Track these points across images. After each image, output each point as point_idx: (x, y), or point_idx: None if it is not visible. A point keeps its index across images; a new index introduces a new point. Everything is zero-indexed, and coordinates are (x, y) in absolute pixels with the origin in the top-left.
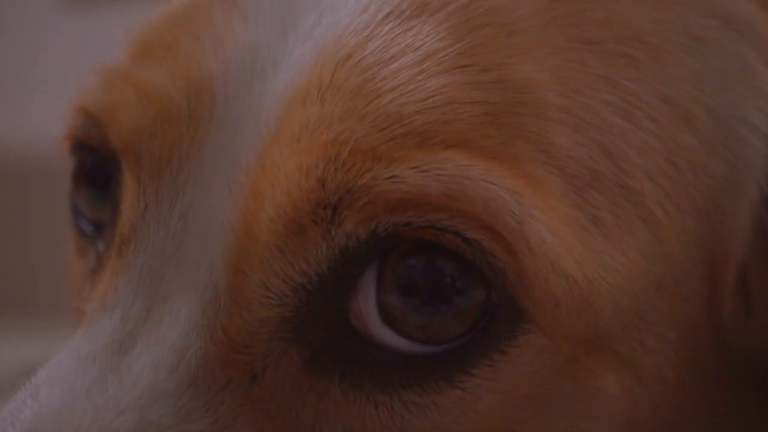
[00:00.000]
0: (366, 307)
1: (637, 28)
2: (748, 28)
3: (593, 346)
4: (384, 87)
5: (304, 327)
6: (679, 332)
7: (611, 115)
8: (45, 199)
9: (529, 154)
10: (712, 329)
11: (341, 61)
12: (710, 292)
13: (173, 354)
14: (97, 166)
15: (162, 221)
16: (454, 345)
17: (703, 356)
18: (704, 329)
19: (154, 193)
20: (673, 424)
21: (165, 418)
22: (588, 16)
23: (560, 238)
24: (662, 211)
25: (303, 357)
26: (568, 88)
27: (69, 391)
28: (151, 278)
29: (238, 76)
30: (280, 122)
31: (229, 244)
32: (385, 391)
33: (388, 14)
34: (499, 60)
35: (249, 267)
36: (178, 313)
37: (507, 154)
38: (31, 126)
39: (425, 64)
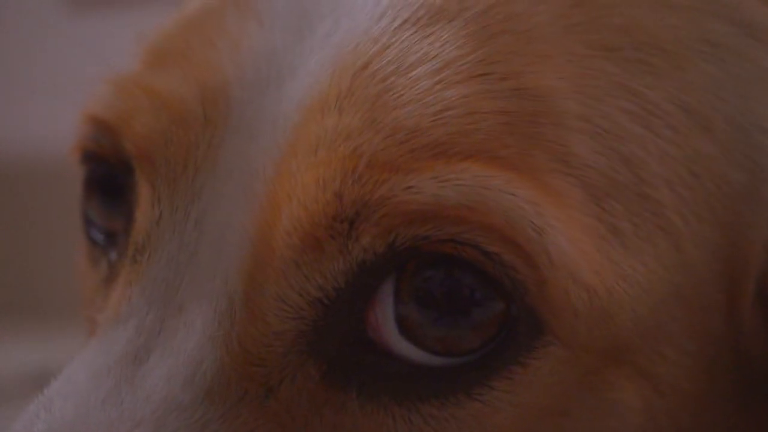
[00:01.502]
0: (383, 319)
1: (655, 35)
2: (767, 35)
3: (612, 357)
4: (402, 97)
5: (320, 340)
6: (697, 343)
7: (630, 124)
8: (48, 202)
9: (548, 164)
10: (730, 340)
11: (359, 70)
12: (729, 302)
13: (188, 366)
14: (108, 175)
15: (177, 229)
16: (473, 357)
17: (721, 367)
18: (723, 340)
19: (169, 200)
20: None
21: (181, 430)
22: (606, 23)
23: (580, 249)
24: (682, 221)
25: (320, 370)
26: (586, 96)
27: (83, 403)
28: (165, 287)
29: (253, 82)
30: (297, 131)
31: (245, 254)
32: (402, 404)
33: (405, 21)
34: (518, 68)
35: (264, 278)
36: (193, 323)
37: (526, 164)
38: (34, 128)
39: (443, 73)
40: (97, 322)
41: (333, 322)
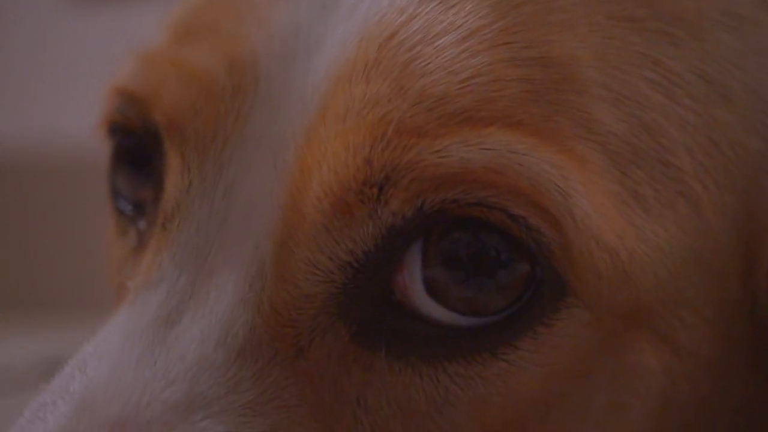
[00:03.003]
0: (411, 281)
1: (675, 6)
2: None
3: (633, 320)
4: (429, 66)
5: (350, 303)
6: (715, 309)
7: (651, 92)
8: (55, 196)
9: (572, 131)
10: (747, 309)
11: (386, 40)
12: (746, 270)
13: (220, 327)
14: (135, 147)
15: (206, 197)
16: (499, 318)
17: (738, 334)
18: (740, 308)
19: (199, 169)
20: (707, 401)
21: (214, 389)
22: None
23: (603, 213)
24: (701, 187)
25: (349, 331)
26: (608, 64)
27: (117, 364)
28: (196, 254)
29: (280, 55)
30: (325, 101)
31: (275, 220)
32: (430, 364)
33: None
34: (541, 37)
35: (295, 244)
36: (225, 287)
37: (550, 130)
38: (37, 123)
39: (468, 42)
40: (126, 289)
41: (362, 285)
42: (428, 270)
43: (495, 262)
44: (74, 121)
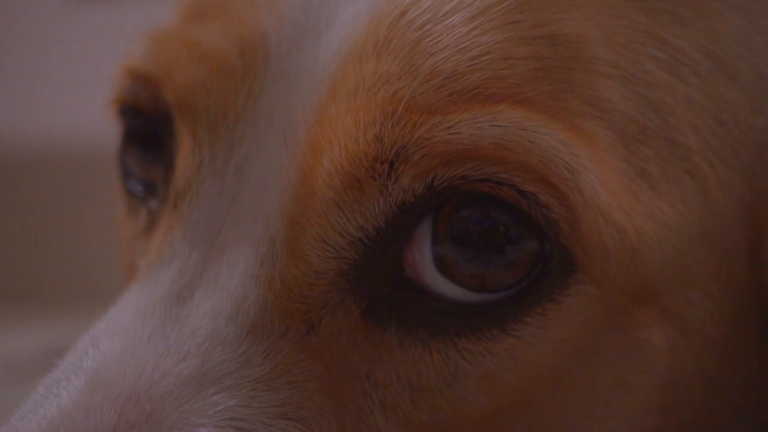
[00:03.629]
0: (421, 258)
1: None
2: None
3: (640, 297)
4: (439, 44)
5: (360, 279)
6: (721, 288)
7: (658, 71)
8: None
9: (580, 108)
10: (752, 288)
11: (396, 19)
12: (752, 249)
13: (232, 303)
14: (145, 127)
15: (217, 175)
16: (508, 294)
17: (744, 313)
18: (745, 288)
19: (210, 148)
20: (713, 379)
21: (226, 364)
22: None
23: (610, 190)
24: (708, 166)
25: (359, 307)
26: (616, 43)
27: (130, 339)
28: (207, 231)
29: (291, 35)
30: (335, 79)
31: (286, 197)
32: (439, 339)
33: None
34: (550, 15)
35: (306, 220)
36: (236, 264)
37: (558, 107)
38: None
39: (478, 20)
40: (137, 267)
41: (372, 262)
42: (438, 247)
43: (504, 238)
44: (74, 116)
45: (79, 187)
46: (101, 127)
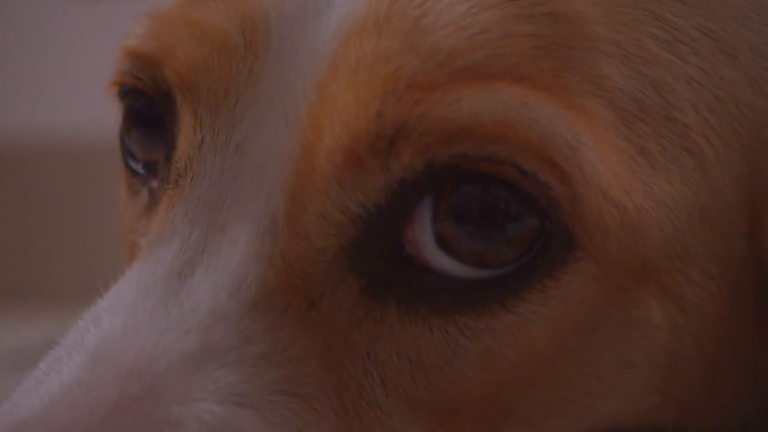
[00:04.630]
0: (421, 235)
1: None
2: None
3: (640, 275)
4: (440, 21)
5: (361, 256)
6: (720, 267)
7: (658, 49)
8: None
9: (580, 86)
10: (752, 267)
11: None
12: (752, 229)
13: (233, 280)
14: (146, 108)
15: (219, 153)
16: (508, 270)
17: (743, 293)
18: (745, 267)
19: (211, 126)
20: (712, 360)
21: (227, 340)
22: None
23: (611, 168)
24: (707, 144)
25: (360, 284)
26: (616, 21)
27: (131, 316)
28: (208, 209)
29: (292, 12)
30: (336, 56)
31: (287, 174)
32: (440, 316)
33: None
34: None
35: (307, 197)
36: (237, 241)
37: (559, 86)
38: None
39: None
40: (139, 247)
41: (373, 238)
42: (439, 223)
43: (504, 215)
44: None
45: (79, 182)
46: (101, 122)
